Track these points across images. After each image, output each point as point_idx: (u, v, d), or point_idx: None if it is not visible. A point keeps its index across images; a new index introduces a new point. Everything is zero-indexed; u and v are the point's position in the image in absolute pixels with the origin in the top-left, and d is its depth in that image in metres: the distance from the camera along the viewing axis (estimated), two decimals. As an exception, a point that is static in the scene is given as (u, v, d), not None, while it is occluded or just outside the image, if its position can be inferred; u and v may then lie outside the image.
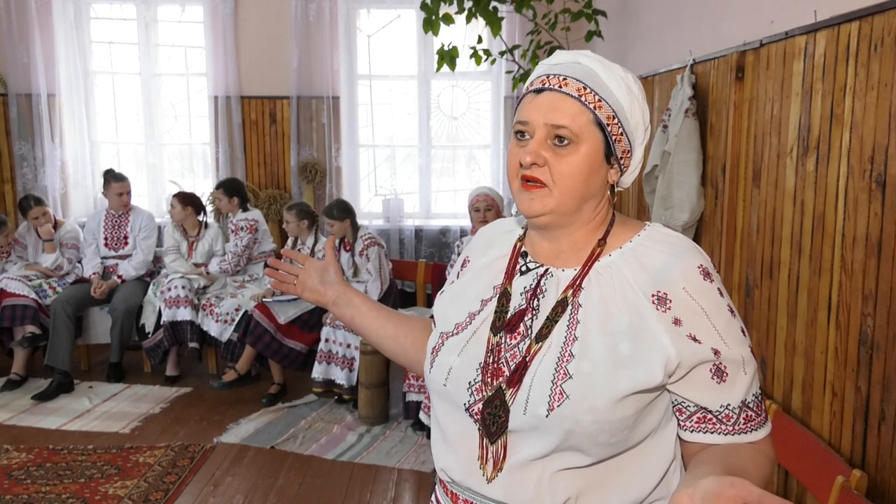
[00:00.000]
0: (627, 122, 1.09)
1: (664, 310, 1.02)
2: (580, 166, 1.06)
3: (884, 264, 1.91)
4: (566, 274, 1.10)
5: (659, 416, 1.06)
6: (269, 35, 5.66)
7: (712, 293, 1.04)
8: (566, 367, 1.03)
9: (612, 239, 1.11)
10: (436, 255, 5.75)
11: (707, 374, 1.03)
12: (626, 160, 1.11)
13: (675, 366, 1.01)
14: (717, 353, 1.02)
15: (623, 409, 1.00)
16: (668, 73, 3.48)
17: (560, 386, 1.02)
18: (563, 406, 1.00)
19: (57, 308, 4.59)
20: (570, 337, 1.05)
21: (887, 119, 1.88)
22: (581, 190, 1.07)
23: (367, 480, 3.49)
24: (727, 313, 1.05)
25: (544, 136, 1.06)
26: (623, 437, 1.02)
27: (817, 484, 2.01)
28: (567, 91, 1.06)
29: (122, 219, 4.97)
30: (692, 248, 1.09)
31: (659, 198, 3.19)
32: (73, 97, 5.75)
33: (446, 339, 1.15)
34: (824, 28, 2.17)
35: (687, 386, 1.04)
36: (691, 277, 1.04)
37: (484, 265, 1.21)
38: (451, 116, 5.88)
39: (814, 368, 2.26)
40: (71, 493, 3.29)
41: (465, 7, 4.06)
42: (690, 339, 1.01)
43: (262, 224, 4.94)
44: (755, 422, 1.05)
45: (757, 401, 1.06)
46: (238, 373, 4.51)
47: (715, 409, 1.04)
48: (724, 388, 1.03)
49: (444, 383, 1.12)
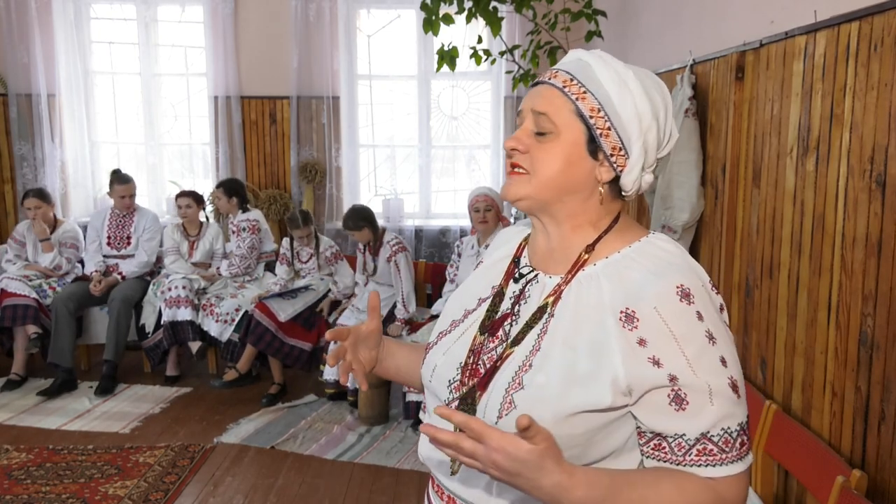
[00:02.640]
0: (618, 117, 1.05)
1: (630, 328, 0.98)
2: (558, 155, 1.05)
3: (884, 264, 1.90)
4: (552, 281, 1.09)
5: (621, 439, 1.02)
6: (269, 35, 5.66)
7: (687, 316, 0.97)
8: (522, 376, 1.02)
9: (604, 246, 1.08)
10: (436, 255, 5.75)
11: (664, 399, 0.97)
12: (618, 158, 1.06)
13: (626, 387, 0.97)
14: (675, 379, 0.96)
15: (571, 427, 0.98)
16: (668, 73, 3.48)
17: (511, 395, 1.02)
18: (511, 416, 1.00)
19: (58, 305, 4.59)
20: (535, 346, 1.04)
21: (887, 119, 1.88)
22: (558, 180, 1.05)
23: (367, 480, 3.49)
24: (702, 339, 0.97)
25: (530, 125, 1.07)
26: (574, 453, 0.98)
27: (817, 484, 2.01)
28: (553, 82, 1.07)
29: (126, 219, 4.97)
30: (681, 265, 1.02)
31: (659, 198, 3.19)
32: (73, 97, 5.75)
33: (441, 338, 1.18)
34: (824, 28, 2.17)
35: (643, 410, 0.99)
36: (665, 298, 0.98)
37: (490, 264, 1.22)
38: (451, 116, 5.88)
39: (814, 368, 2.26)
40: (71, 493, 3.29)
41: (465, 7, 4.06)
42: (651, 361, 0.96)
43: (262, 224, 4.94)
44: (714, 457, 0.97)
45: (727, 436, 0.98)
46: (239, 372, 4.52)
47: (669, 436, 0.98)
48: (683, 417, 0.97)
49: (429, 379, 1.15)
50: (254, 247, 4.84)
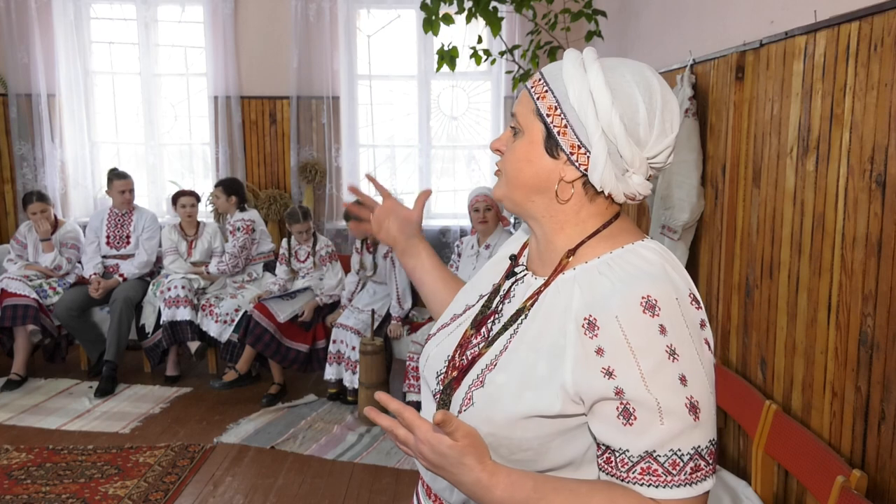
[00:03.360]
0: (573, 113, 1.00)
1: (591, 336, 0.94)
2: (518, 155, 1.06)
3: (884, 264, 1.90)
4: (536, 283, 1.09)
5: (579, 450, 0.99)
6: (269, 35, 5.66)
7: (648, 329, 0.92)
8: (486, 375, 1.03)
9: (587, 250, 1.04)
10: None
11: (613, 411, 0.93)
12: (580, 157, 1.01)
13: (574, 394, 0.95)
14: (621, 392, 0.92)
15: (523, 430, 0.97)
16: (668, 73, 3.48)
17: (472, 392, 1.03)
18: (467, 412, 1.02)
19: (64, 319, 4.68)
20: (505, 346, 1.05)
21: (887, 119, 1.88)
22: (521, 179, 1.06)
23: (367, 480, 3.49)
24: (661, 354, 0.92)
25: (510, 126, 1.11)
26: (526, 457, 0.98)
27: (817, 484, 2.01)
28: (527, 84, 1.09)
29: (124, 218, 4.97)
30: (654, 276, 0.96)
31: (659, 198, 3.20)
32: (73, 97, 5.75)
33: (440, 331, 1.21)
34: (824, 28, 2.17)
35: (594, 420, 0.96)
36: (628, 308, 0.93)
37: (496, 261, 1.24)
38: (451, 116, 5.88)
39: (814, 368, 2.26)
40: (71, 493, 3.29)
41: (465, 7, 4.06)
42: (604, 372, 0.93)
43: (259, 224, 4.94)
44: (658, 478, 0.92)
45: (675, 458, 0.92)
46: (238, 373, 4.51)
47: (616, 450, 0.94)
48: (629, 432, 0.92)
49: (423, 369, 1.18)
50: (245, 247, 4.83)
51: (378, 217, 1.41)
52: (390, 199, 1.41)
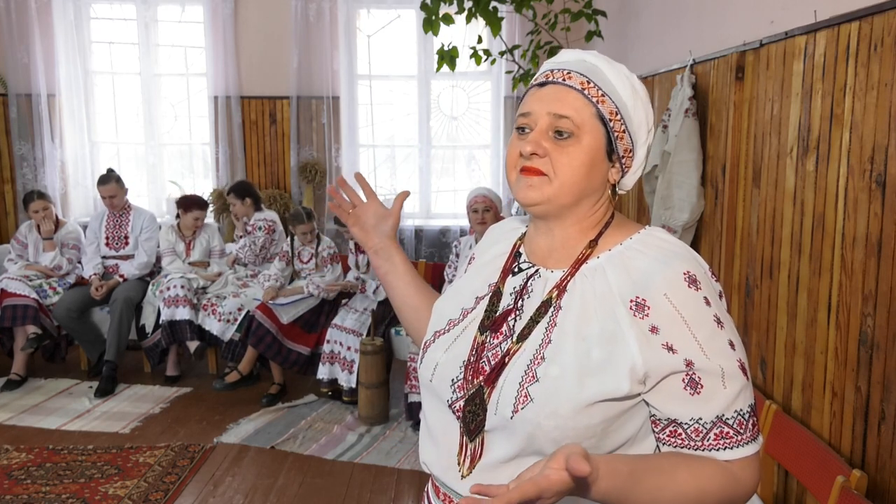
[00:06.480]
0: (630, 121, 1.07)
1: (641, 316, 0.99)
2: (582, 159, 1.04)
3: (884, 264, 1.91)
4: (554, 275, 1.09)
5: (635, 427, 1.03)
6: (269, 35, 5.67)
7: (696, 301, 0.99)
8: (535, 369, 1.02)
9: (605, 241, 1.09)
10: (436, 255, 5.75)
11: (679, 384, 0.98)
12: (627, 160, 1.09)
13: (643, 375, 0.98)
14: (690, 363, 0.97)
15: (588, 417, 0.98)
16: (668, 73, 3.48)
17: (526, 388, 1.01)
18: (527, 409, 1.00)
19: (64, 321, 4.68)
20: (545, 339, 1.04)
21: (887, 119, 1.88)
22: (581, 184, 1.05)
23: (367, 480, 3.49)
24: (712, 324, 0.99)
25: (546, 127, 1.05)
26: (591, 444, 0.99)
27: (817, 484, 2.01)
28: (571, 84, 1.06)
29: (122, 219, 4.97)
30: (683, 254, 1.04)
31: (659, 198, 3.20)
32: (73, 97, 5.76)
33: (437, 337, 1.17)
34: (824, 28, 2.17)
35: (658, 396, 1.00)
36: (674, 284, 0.99)
37: (485, 262, 1.22)
38: (451, 116, 5.88)
39: (814, 368, 2.26)
40: (71, 493, 3.29)
41: (465, 7, 4.06)
42: (665, 348, 0.97)
43: (278, 225, 4.95)
44: (731, 440, 0.99)
45: (740, 418, 1.00)
46: (241, 373, 4.51)
47: (685, 422, 0.99)
48: (698, 401, 0.98)
49: (430, 379, 1.14)
50: (265, 247, 4.85)
51: (357, 214, 1.38)
52: (374, 200, 1.39)
